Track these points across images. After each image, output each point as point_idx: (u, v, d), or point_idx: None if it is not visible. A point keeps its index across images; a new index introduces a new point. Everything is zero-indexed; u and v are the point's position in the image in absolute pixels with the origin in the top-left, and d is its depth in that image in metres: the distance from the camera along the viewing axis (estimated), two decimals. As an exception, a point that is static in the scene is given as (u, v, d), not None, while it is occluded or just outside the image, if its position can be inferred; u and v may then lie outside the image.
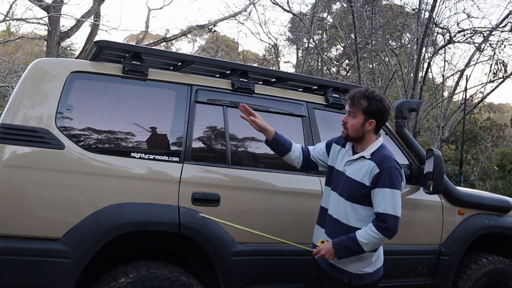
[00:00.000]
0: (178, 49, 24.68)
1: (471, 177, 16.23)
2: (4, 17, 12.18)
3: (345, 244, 2.58)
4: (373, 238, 2.56)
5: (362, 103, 2.66)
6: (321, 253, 2.64)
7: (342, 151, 2.83)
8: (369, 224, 2.61)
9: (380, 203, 2.58)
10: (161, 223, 2.81)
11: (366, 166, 2.66)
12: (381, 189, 2.58)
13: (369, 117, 2.67)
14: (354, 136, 2.71)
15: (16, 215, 2.56)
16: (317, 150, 2.98)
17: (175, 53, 3.91)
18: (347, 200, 2.68)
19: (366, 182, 2.63)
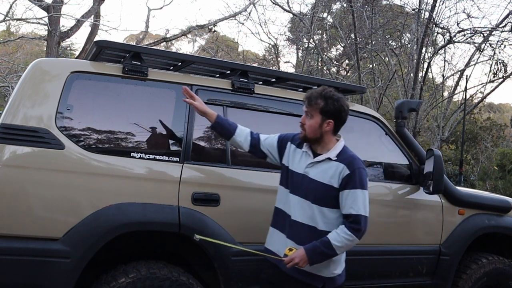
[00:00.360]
0: (178, 49, 24.69)
1: (471, 177, 16.24)
2: (4, 17, 12.18)
3: (319, 250, 2.50)
4: (347, 241, 2.52)
5: (319, 103, 2.60)
6: (294, 261, 2.50)
7: (297, 151, 2.73)
8: (340, 226, 2.55)
9: (353, 205, 2.54)
10: (161, 223, 2.81)
11: (333, 167, 2.59)
12: (353, 191, 2.55)
13: (327, 117, 2.61)
14: (312, 137, 2.64)
15: (16, 215, 2.56)
16: (268, 142, 2.85)
17: (175, 53, 3.91)
18: (314, 203, 2.60)
19: (335, 184, 2.58)
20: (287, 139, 2.81)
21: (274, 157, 2.85)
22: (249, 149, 2.87)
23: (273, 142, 2.85)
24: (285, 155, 2.78)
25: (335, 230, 2.55)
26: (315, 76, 12.88)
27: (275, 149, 2.83)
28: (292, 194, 2.67)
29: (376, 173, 3.74)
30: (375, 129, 3.76)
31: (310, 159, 2.66)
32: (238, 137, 2.85)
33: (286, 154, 2.78)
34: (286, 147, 2.79)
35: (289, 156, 2.76)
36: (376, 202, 3.54)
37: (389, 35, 14.83)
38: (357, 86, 4.77)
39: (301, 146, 2.74)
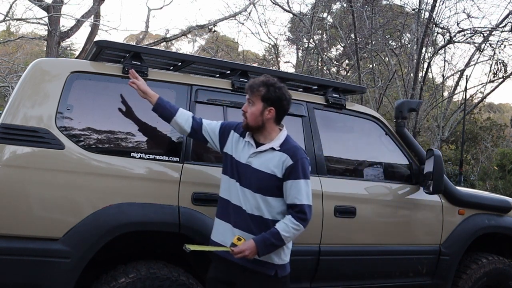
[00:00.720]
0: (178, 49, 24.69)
1: (471, 177, 16.23)
2: (4, 17, 12.18)
3: (269, 242, 2.50)
4: (295, 230, 2.54)
5: (260, 90, 2.61)
6: (244, 253, 2.47)
7: (241, 141, 2.70)
8: (287, 216, 2.56)
9: (297, 195, 2.56)
10: (161, 223, 2.81)
11: (276, 157, 2.60)
12: (296, 181, 2.56)
13: (268, 105, 2.62)
14: (253, 125, 2.63)
15: (16, 215, 2.56)
16: (211, 127, 2.80)
17: (175, 53, 3.91)
18: (258, 193, 2.59)
19: (278, 174, 2.58)
20: (230, 127, 2.78)
21: (214, 144, 2.80)
22: (189, 131, 2.80)
23: (215, 128, 2.80)
24: (227, 144, 2.75)
25: (282, 221, 2.56)
26: (315, 76, 12.88)
27: (217, 136, 2.79)
28: (239, 184, 2.64)
29: (376, 173, 3.74)
30: (375, 129, 3.77)
31: (253, 148, 2.66)
32: (179, 119, 2.78)
33: (228, 143, 2.75)
34: (229, 135, 2.76)
35: (232, 145, 2.73)
36: (376, 202, 3.55)
37: (389, 35, 14.82)
38: (357, 86, 4.78)
39: (244, 135, 2.72)
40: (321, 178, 3.31)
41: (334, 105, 3.57)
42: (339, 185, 3.40)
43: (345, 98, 3.65)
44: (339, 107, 3.59)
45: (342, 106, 3.60)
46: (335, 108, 3.59)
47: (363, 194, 3.51)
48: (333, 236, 3.31)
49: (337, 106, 3.58)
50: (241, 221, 2.62)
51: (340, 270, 3.41)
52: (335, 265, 3.37)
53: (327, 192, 3.30)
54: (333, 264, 3.36)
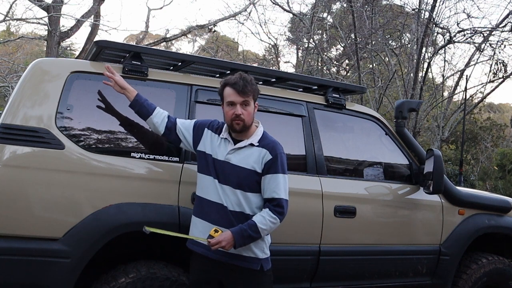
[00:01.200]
0: (178, 49, 24.68)
1: (471, 177, 16.22)
2: (4, 17, 12.17)
3: (246, 233, 2.51)
4: (271, 224, 2.56)
5: (250, 89, 2.63)
6: (221, 244, 2.46)
7: (216, 138, 2.71)
8: (264, 210, 2.58)
9: (275, 189, 2.59)
10: (161, 223, 2.81)
11: (256, 153, 2.63)
12: (275, 175, 2.60)
13: (255, 101, 2.69)
14: (250, 124, 2.66)
15: (16, 215, 2.56)
16: (185, 126, 2.80)
17: (175, 53, 3.91)
18: (238, 189, 2.61)
19: (258, 169, 2.61)
20: (204, 125, 2.79)
21: (188, 142, 2.79)
22: (164, 131, 2.79)
23: (188, 127, 2.80)
24: (201, 142, 2.75)
25: (260, 214, 2.58)
26: (315, 76, 12.88)
27: (190, 134, 2.78)
28: (217, 181, 2.64)
29: (376, 173, 3.74)
30: (375, 129, 3.77)
31: (231, 145, 2.67)
32: (155, 118, 2.78)
33: (202, 141, 2.75)
34: (203, 133, 2.76)
35: (206, 142, 2.73)
36: (376, 202, 3.55)
37: (389, 35, 14.81)
38: (357, 86, 4.77)
39: (219, 133, 2.73)
40: (321, 178, 3.31)
41: (334, 105, 3.57)
42: (339, 185, 3.40)
43: (345, 98, 3.65)
44: (339, 107, 3.59)
45: (342, 106, 3.60)
46: (335, 108, 3.59)
47: (363, 194, 3.51)
48: (333, 236, 3.31)
49: (337, 106, 3.58)
50: (222, 218, 2.61)
51: (340, 270, 3.41)
52: (335, 265, 3.37)
53: (327, 192, 3.30)
54: (333, 264, 3.36)
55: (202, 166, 2.72)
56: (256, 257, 2.64)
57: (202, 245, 2.63)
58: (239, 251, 2.58)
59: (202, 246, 2.63)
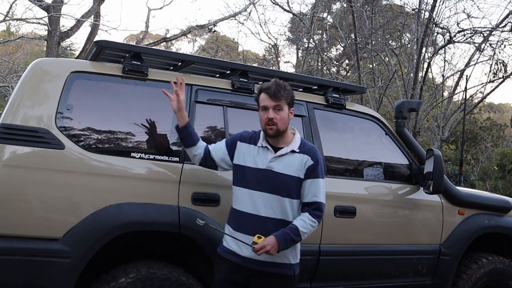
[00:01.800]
0: (178, 49, 24.68)
1: (471, 177, 16.22)
2: (4, 17, 12.17)
3: (289, 237, 2.57)
4: (311, 227, 2.64)
5: (283, 94, 2.69)
6: (266, 248, 2.50)
7: (252, 148, 2.74)
8: (304, 214, 2.65)
9: (316, 193, 2.67)
10: (161, 223, 2.82)
11: (298, 159, 2.68)
12: (316, 180, 2.68)
13: (290, 107, 2.74)
14: (283, 129, 2.70)
15: (16, 215, 2.56)
16: (217, 150, 2.82)
17: (175, 53, 3.91)
18: (286, 197, 2.66)
19: (301, 175, 2.68)
20: (235, 139, 2.82)
21: (225, 163, 2.82)
22: (200, 161, 2.83)
23: (221, 147, 2.83)
24: (236, 156, 2.78)
25: (300, 218, 2.64)
26: (315, 76, 12.88)
27: (226, 153, 2.80)
28: (256, 191, 2.67)
29: (376, 173, 3.74)
30: (375, 129, 3.77)
31: (271, 153, 2.70)
32: (198, 149, 2.81)
33: (237, 154, 2.78)
34: (236, 147, 2.80)
35: (242, 155, 2.76)
36: (376, 202, 3.55)
37: (389, 35, 14.81)
38: (357, 86, 4.77)
39: (255, 142, 2.76)
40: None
41: (334, 105, 3.57)
42: (339, 185, 3.40)
43: (345, 98, 3.65)
44: (339, 107, 3.59)
45: (342, 106, 3.60)
46: (335, 108, 3.59)
47: (363, 194, 3.51)
48: (333, 236, 3.32)
49: (337, 106, 3.58)
50: (259, 228, 2.63)
51: (340, 270, 3.41)
52: (335, 265, 3.37)
53: (327, 192, 3.25)
54: (333, 264, 3.36)
55: (237, 179, 2.77)
56: (290, 263, 2.70)
57: (237, 255, 2.67)
58: (272, 258, 2.62)
59: (237, 256, 2.67)
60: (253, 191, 2.67)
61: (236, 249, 2.69)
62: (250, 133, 2.82)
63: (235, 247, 2.69)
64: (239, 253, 2.67)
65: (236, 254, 2.68)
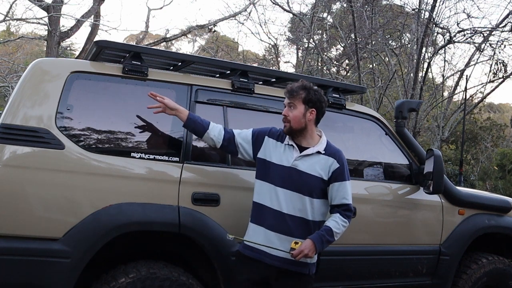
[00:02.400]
0: (178, 49, 24.66)
1: (471, 177, 16.22)
2: (4, 17, 12.17)
3: (325, 239, 2.65)
4: (343, 227, 2.73)
5: (301, 93, 2.73)
6: (304, 252, 2.58)
7: (279, 145, 2.79)
8: (335, 215, 2.73)
9: (345, 195, 2.75)
10: (161, 223, 2.82)
11: (323, 161, 2.74)
12: (343, 183, 2.76)
13: (309, 107, 2.75)
14: (297, 127, 2.73)
15: (16, 215, 2.56)
16: (243, 136, 2.86)
17: (175, 53, 3.91)
18: (307, 195, 2.71)
19: (324, 176, 2.73)
20: (264, 133, 2.86)
21: (246, 152, 2.86)
22: (221, 143, 2.85)
23: (247, 136, 2.87)
24: (261, 149, 2.82)
25: (332, 219, 2.71)
26: (315, 76, 12.88)
27: (250, 143, 2.84)
28: (279, 187, 2.72)
29: (376, 173, 3.74)
30: (375, 129, 3.77)
31: (297, 152, 2.75)
32: (212, 132, 2.83)
33: (263, 148, 2.82)
34: (264, 141, 2.83)
35: (268, 149, 2.80)
36: (376, 202, 3.55)
37: (389, 35, 14.81)
38: (357, 86, 4.78)
39: (282, 140, 2.80)
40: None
41: (334, 105, 3.57)
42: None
43: (345, 98, 3.65)
44: (339, 107, 3.59)
45: (342, 106, 3.60)
46: (335, 108, 3.59)
47: (363, 194, 3.51)
48: (333, 236, 3.31)
49: (337, 106, 3.58)
50: (278, 224, 2.69)
51: (340, 270, 3.41)
52: (335, 265, 3.37)
53: (327, 192, 3.29)
54: (333, 264, 3.35)
55: (261, 173, 2.80)
56: (306, 262, 2.72)
57: (257, 251, 2.71)
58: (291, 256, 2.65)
59: (257, 252, 2.71)
60: (277, 187, 2.72)
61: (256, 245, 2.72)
62: (278, 130, 2.86)
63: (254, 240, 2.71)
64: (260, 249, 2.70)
65: (257, 250, 2.72)
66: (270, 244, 2.68)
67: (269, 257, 2.69)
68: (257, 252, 2.72)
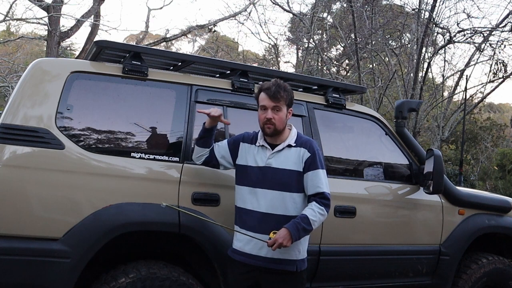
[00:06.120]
0: (178, 49, 24.66)
1: (471, 177, 16.22)
2: (4, 17, 12.18)
3: (300, 226, 2.59)
4: (321, 216, 2.66)
5: (283, 95, 2.73)
6: (278, 241, 2.53)
7: (253, 147, 2.81)
8: (311, 203, 2.67)
9: (319, 183, 2.71)
10: (161, 223, 2.81)
11: (294, 153, 2.74)
12: (316, 171, 2.72)
13: (289, 107, 2.79)
14: (281, 128, 2.75)
15: (16, 215, 2.56)
16: (219, 149, 2.89)
17: (175, 53, 3.91)
18: (284, 191, 2.70)
19: (300, 168, 2.72)
20: (238, 140, 2.89)
21: (228, 162, 2.88)
22: (205, 160, 2.89)
23: (223, 145, 2.89)
24: (239, 156, 2.85)
25: (308, 207, 2.67)
26: (315, 76, 12.88)
27: (228, 153, 2.87)
28: (258, 189, 2.73)
29: (376, 173, 3.74)
30: (375, 129, 3.77)
31: (269, 150, 2.76)
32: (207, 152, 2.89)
33: (240, 154, 2.84)
34: (239, 148, 2.85)
35: (243, 155, 2.82)
36: (376, 202, 3.55)
37: (389, 35, 14.81)
38: (357, 86, 4.77)
39: (253, 142, 2.82)
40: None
41: (334, 105, 3.57)
42: (339, 185, 3.40)
43: (345, 98, 3.65)
44: (339, 107, 3.59)
45: (342, 106, 3.60)
46: (335, 108, 3.59)
47: (363, 194, 3.51)
48: (333, 236, 3.31)
49: (337, 106, 3.58)
50: (261, 225, 2.68)
51: (340, 270, 3.41)
52: (335, 265, 3.37)
53: (327, 192, 3.29)
54: (333, 264, 3.36)
55: (239, 178, 2.82)
56: (292, 259, 2.71)
57: (241, 253, 2.73)
58: (275, 254, 2.64)
59: (241, 254, 2.73)
60: (255, 188, 2.73)
61: (240, 246, 2.73)
62: (251, 134, 2.88)
63: (240, 244, 2.74)
64: (243, 251, 2.71)
65: (241, 252, 2.72)
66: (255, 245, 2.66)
67: (253, 259, 2.68)
68: (242, 255, 2.72)
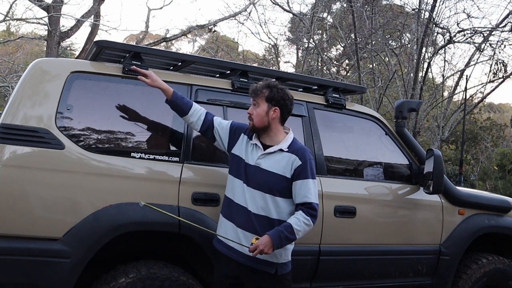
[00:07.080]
0: (178, 49, 24.65)
1: (471, 177, 16.22)
2: (4, 17, 12.17)
3: (283, 235, 2.58)
4: (306, 226, 2.64)
5: (264, 92, 2.73)
6: (259, 248, 2.53)
7: (249, 144, 2.81)
8: (298, 212, 2.65)
9: (307, 193, 2.67)
10: (161, 223, 2.81)
11: (285, 159, 2.71)
12: (306, 180, 2.68)
13: (272, 105, 2.74)
14: (260, 126, 2.74)
15: (16, 215, 2.56)
16: (221, 126, 2.88)
17: (175, 53, 3.91)
18: (268, 193, 2.69)
19: (287, 174, 2.69)
20: (241, 130, 2.87)
21: (222, 143, 2.88)
22: (199, 129, 2.88)
23: (225, 127, 2.88)
24: (236, 145, 2.84)
25: (294, 216, 2.65)
26: (315, 76, 12.88)
27: (226, 135, 2.86)
28: (247, 186, 2.72)
29: (376, 173, 3.74)
30: (375, 129, 3.77)
31: (261, 151, 2.75)
32: (192, 117, 2.86)
33: (238, 145, 2.83)
34: (239, 137, 2.84)
35: (241, 147, 2.82)
36: (376, 202, 3.55)
37: (389, 35, 14.81)
38: (357, 86, 4.77)
39: (251, 138, 2.81)
40: (321, 178, 3.31)
41: (334, 105, 3.57)
42: (339, 185, 3.40)
43: (345, 98, 3.65)
44: (339, 107, 3.59)
45: (342, 106, 3.60)
46: (335, 108, 3.59)
47: (363, 194, 3.51)
48: (333, 236, 3.31)
49: (337, 106, 3.58)
50: (245, 221, 2.70)
51: (340, 270, 3.41)
52: (335, 265, 3.37)
53: (327, 192, 3.30)
54: (333, 264, 3.36)
55: (233, 169, 2.81)
56: (272, 261, 2.70)
57: (226, 246, 2.73)
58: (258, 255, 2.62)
59: (226, 247, 2.73)
60: (244, 185, 2.73)
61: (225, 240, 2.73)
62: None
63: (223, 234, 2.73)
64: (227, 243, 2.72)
65: (225, 244, 2.73)
66: (237, 240, 2.67)
67: (236, 253, 2.70)
68: (226, 247, 2.74)
